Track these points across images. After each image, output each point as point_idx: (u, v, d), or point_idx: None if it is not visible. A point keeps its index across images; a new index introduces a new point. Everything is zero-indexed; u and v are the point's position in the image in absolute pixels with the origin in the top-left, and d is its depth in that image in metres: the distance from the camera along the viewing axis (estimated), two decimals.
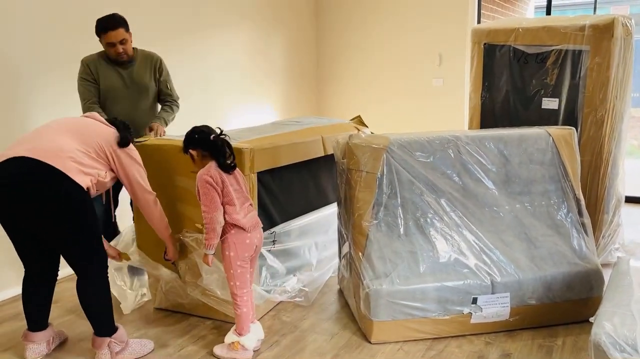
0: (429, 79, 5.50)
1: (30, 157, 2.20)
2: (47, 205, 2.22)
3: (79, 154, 2.29)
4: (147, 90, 3.23)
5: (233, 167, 2.43)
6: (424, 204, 2.74)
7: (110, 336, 2.43)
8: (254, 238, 2.47)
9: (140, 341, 2.56)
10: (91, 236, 2.35)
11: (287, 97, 5.65)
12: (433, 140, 2.80)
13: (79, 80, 3.11)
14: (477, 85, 3.76)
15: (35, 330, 2.52)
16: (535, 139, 2.89)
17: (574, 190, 2.88)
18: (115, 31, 3.01)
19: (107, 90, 3.12)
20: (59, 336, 2.64)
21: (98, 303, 2.42)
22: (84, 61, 3.12)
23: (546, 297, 2.67)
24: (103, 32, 3.01)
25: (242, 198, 2.46)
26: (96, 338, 2.44)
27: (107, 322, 2.44)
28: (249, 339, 2.47)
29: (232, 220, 2.40)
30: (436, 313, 2.59)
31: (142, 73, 3.22)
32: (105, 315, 2.44)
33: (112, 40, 3.02)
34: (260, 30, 5.16)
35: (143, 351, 2.52)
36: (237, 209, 2.41)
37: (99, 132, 2.40)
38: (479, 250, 2.69)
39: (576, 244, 2.78)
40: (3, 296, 3.19)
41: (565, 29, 3.31)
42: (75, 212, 2.26)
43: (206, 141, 2.40)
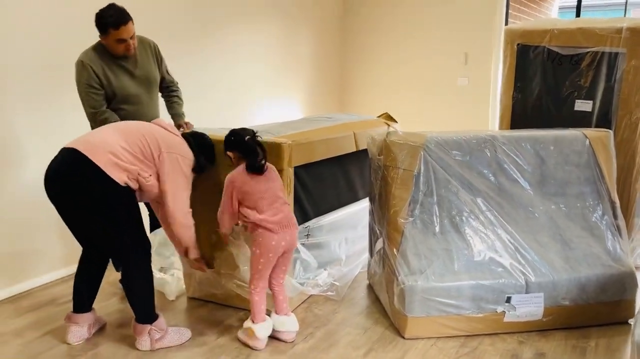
0: (454, 78, 5.50)
1: (74, 149, 2.29)
2: (80, 196, 2.30)
3: (121, 150, 2.32)
4: (155, 80, 3.00)
5: (261, 169, 2.45)
6: (459, 202, 2.76)
7: (151, 323, 2.49)
8: (282, 240, 2.47)
9: (178, 329, 2.61)
10: (124, 230, 2.38)
11: (311, 92, 5.68)
12: (470, 139, 2.81)
13: (84, 87, 2.73)
14: (508, 86, 3.76)
15: (80, 311, 2.58)
16: (571, 140, 2.90)
17: (609, 192, 2.89)
18: (127, 26, 2.69)
19: (118, 90, 2.81)
20: (99, 321, 2.70)
21: (139, 292, 2.48)
22: (86, 64, 2.72)
23: (580, 298, 2.68)
24: (114, 28, 2.65)
25: (270, 198, 2.47)
26: (137, 325, 2.50)
27: (148, 310, 2.50)
28: (260, 328, 2.52)
29: (256, 220, 2.44)
30: (470, 310, 2.61)
31: (147, 63, 2.94)
32: (147, 303, 2.49)
33: (123, 37, 2.70)
34: (287, 25, 5.19)
35: (181, 339, 2.57)
36: (261, 210, 2.45)
37: (153, 134, 2.42)
38: (514, 249, 2.70)
39: (610, 246, 2.79)
40: (39, 282, 3.26)
41: (601, 31, 3.30)
42: (107, 206, 2.31)
43: (241, 143, 2.47)
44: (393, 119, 3.97)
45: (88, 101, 2.76)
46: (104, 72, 2.77)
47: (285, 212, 2.52)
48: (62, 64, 3.10)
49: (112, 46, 2.75)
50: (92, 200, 2.29)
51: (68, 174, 2.29)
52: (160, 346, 2.51)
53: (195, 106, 4.09)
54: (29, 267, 3.21)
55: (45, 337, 2.65)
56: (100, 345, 2.57)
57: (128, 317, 2.67)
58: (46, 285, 3.26)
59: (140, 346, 2.50)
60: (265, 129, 3.09)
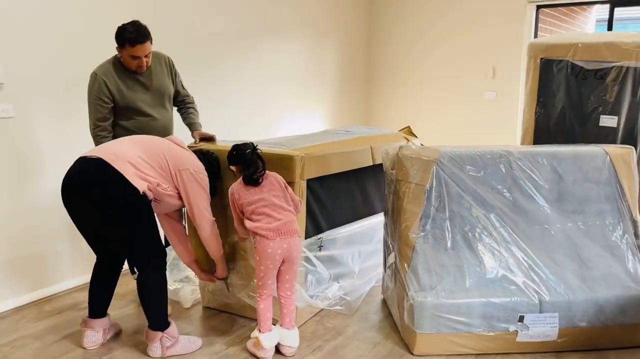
0: (481, 92, 5.44)
1: (97, 157, 2.37)
2: (100, 202, 2.37)
3: (141, 161, 2.42)
4: (169, 94, 3.08)
5: (255, 181, 2.50)
6: (472, 218, 2.72)
7: (163, 330, 2.54)
8: (278, 247, 2.46)
9: (189, 337, 2.66)
10: (141, 237, 2.45)
11: (337, 104, 5.71)
12: (484, 154, 2.78)
13: (93, 98, 2.84)
14: (531, 101, 3.70)
15: (95, 317, 2.66)
16: (591, 157, 2.83)
17: (630, 211, 2.79)
18: (144, 45, 2.79)
19: (132, 102, 2.90)
20: (114, 327, 2.77)
21: (153, 299, 2.53)
22: (99, 76, 2.83)
23: (597, 320, 2.59)
24: (130, 45, 2.77)
25: (265, 207, 2.50)
26: (149, 331, 2.55)
27: (161, 317, 2.55)
28: (267, 339, 2.53)
29: (251, 228, 2.50)
30: (481, 328, 2.56)
31: (161, 77, 3.03)
32: (160, 310, 2.55)
33: (138, 54, 2.80)
34: (313, 37, 5.26)
35: (192, 347, 2.62)
36: (255, 218, 2.50)
37: (170, 150, 2.52)
38: (528, 268, 2.64)
39: (631, 267, 2.69)
40: (62, 287, 3.37)
41: (627, 45, 3.22)
42: (126, 212, 2.38)
43: (241, 157, 2.55)
44: (413, 133, 3.96)
45: (94, 113, 2.87)
46: (117, 85, 2.87)
47: (285, 219, 2.51)
48: (82, 75, 3.22)
49: (127, 61, 2.86)
50: (112, 206, 2.36)
51: (90, 181, 2.37)
52: (171, 354, 2.56)
53: (217, 117, 4.19)
54: (53, 272, 3.33)
55: (63, 341, 2.74)
56: (115, 350, 2.64)
57: (144, 324, 2.73)
58: (69, 290, 3.37)
59: (151, 353, 2.55)
60: (280, 141, 3.13)
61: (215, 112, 4.16)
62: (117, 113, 2.93)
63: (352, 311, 3.06)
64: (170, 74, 3.10)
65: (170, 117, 3.14)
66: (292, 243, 2.52)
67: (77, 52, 3.31)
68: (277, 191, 2.56)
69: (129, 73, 2.91)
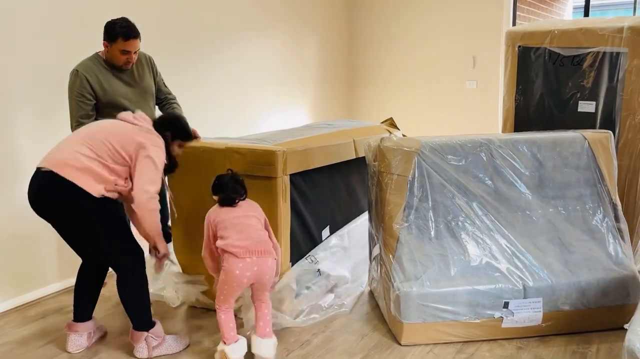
0: (462, 82, 5.47)
1: (48, 170, 2.32)
2: (63, 214, 2.37)
3: (93, 163, 2.32)
4: (151, 92, 3.08)
5: (231, 201, 2.45)
6: (455, 207, 2.74)
7: (147, 330, 2.52)
8: (247, 269, 2.35)
9: (176, 337, 2.64)
10: (111, 239, 2.42)
11: (319, 99, 5.70)
12: (465, 143, 2.79)
13: (75, 95, 2.81)
14: (510, 88, 3.72)
15: (79, 320, 2.64)
16: (570, 142, 2.86)
17: (610, 195, 2.83)
18: (135, 40, 2.81)
19: (114, 99, 2.89)
20: (100, 329, 2.75)
21: (134, 299, 2.51)
22: (81, 73, 2.80)
23: (580, 303, 2.63)
24: (123, 39, 2.77)
25: (239, 225, 2.42)
26: (134, 332, 2.54)
27: (144, 317, 2.53)
28: (233, 351, 2.41)
29: (221, 246, 2.41)
30: (467, 316, 2.59)
31: (143, 74, 3.03)
32: (142, 310, 2.53)
33: (129, 49, 2.81)
34: (293, 33, 5.24)
35: (178, 347, 2.60)
36: (227, 236, 2.40)
37: (118, 134, 2.38)
38: (511, 254, 2.67)
39: (612, 249, 2.73)
40: (47, 291, 3.33)
41: (602, 31, 3.25)
42: (89, 219, 2.36)
43: (221, 184, 2.50)
44: (396, 126, 3.97)
45: (77, 110, 2.83)
46: (99, 81, 2.85)
47: (257, 239, 2.41)
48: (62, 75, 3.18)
49: (115, 56, 2.85)
50: (74, 216, 2.36)
51: (46, 196, 2.36)
52: (158, 354, 2.55)
53: (201, 115, 4.16)
54: (37, 276, 3.28)
55: (48, 346, 2.71)
56: (100, 353, 2.62)
57: (130, 325, 2.71)
58: (54, 294, 3.33)
59: (137, 353, 2.54)
60: (263, 137, 3.12)
61: (198, 110, 4.13)
62: (99, 110, 2.89)
63: (350, 310, 3.02)
64: (152, 73, 3.10)
65: (152, 116, 3.09)
66: (264, 266, 2.40)
67: (58, 53, 3.26)
68: (254, 213, 2.49)
69: (111, 70, 2.90)
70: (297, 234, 2.92)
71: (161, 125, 2.52)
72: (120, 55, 2.84)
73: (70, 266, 3.41)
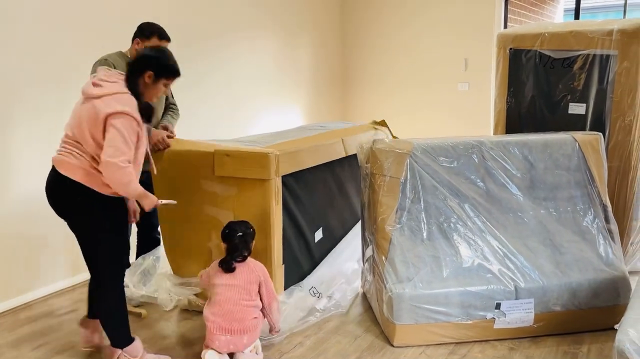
0: (455, 84, 5.50)
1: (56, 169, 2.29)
2: (67, 210, 2.34)
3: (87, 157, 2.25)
4: (164, 97, 3.06)
5: (228, 268, 2.46)
6: (447, 209, 2.75)
7: (122, 348, 2.41)
8: (222, 347, 2.41)
9: (157, 356, 2.53)
10: (104, 247, 2.35)
11: (313, 101, 5.71)
12: (457, 145, 2.81)
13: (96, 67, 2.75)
14: (502, 91, 3.75)
15: (92, 317, 2.59)
16: (560, 144, 2.88)
17: (600, 196, 2.86)
18: (168, 42, 2.91)
19: None
20: None
21: (109, 313, 2.41)
22: (110, 61, 2.82)
23: (571, 304, 2.65)
24: (158, 38, 2.87)
25: (223, 295, 2.44)
26: (108, 348, 2.45)
27: (119, 333, 2.43)
28: (211, 356, 2.43)
29: (204, 311, 2.47)
30: (459, 317, 2.60)
31: None
32: (117, 326, 2.42)
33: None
34: (286, 36, 5.24)
35: None
36: (210, 303, 2.47)
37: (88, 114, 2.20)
38: (503, 255, 2.69)
39: (602, 250, 2.76)
40: (37, 294, 3.31)
41: (592, 34, 3.28)
42: (87, 219, 2.31)
43: (229, 238, 2.51)
44: (381, 123, 3.97)
45: None
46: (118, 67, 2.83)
47: (233, 314, 2.41)
48: (60, 75, 3.17)
49: None
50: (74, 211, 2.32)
51: (53, 196, 2.34)
52: None
53: (195, 117, 4.16)
54: (27, 279, 3.26)
55: (39, 349, 2.69)
56: None
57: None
58: (45, 297, 3.31)
59: None
60: (255, 139, 3.12)
61: (191, 112, 4.12)
62: None
63: (346, 310, 3.03)
64: None
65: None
66: (239, 344, 2.42)
67: (53, 54, 3.24)
68: (242, 281, 2.46)
69: None
70: (290, 236, 2.93)
71: (138, 66, 2.28)
72: None
73: (60, 269, 3.40)
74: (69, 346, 2.72)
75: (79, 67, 3.20)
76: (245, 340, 2.44)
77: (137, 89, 2.28)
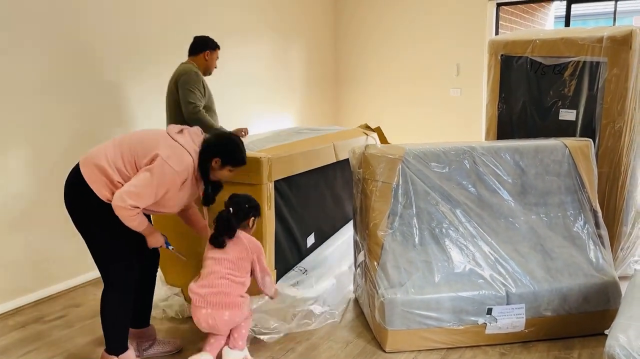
0: (447, 89, 5.52)
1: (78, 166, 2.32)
2: (75, 210, 2.32)
3: (112, 169, 2.25)
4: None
5: (218, 243, 2.44)
6: (439, 214, 2.76)
7: (116, 355, 2.40)
8: (202, 321, 2.38)
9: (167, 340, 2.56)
10: (105, 250, 2.34)
11: (305, 106, 5.71)
12: (448, 151, 2.82)
13: (195, 84, 3.37)
14: (493, 97, 3.77)
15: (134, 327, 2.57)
16: (551, 150, 2.90)
17: (590, 202, 2.88)
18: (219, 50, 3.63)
19: (208, 102, 3.49)
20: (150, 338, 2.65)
21: (108, 318, 2.39)
22: (200, 75, 3.44)
23: (562, 309, 2.66)
24: (218, 48, 3.60)
25: (210, 267, 2.43)
26: (103, 354, 2.43)
27: (114, 339, 2.40)
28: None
29: (190, 286, 2.46)
30: (451, 322, 2.60)
31: None
32: (114, 332, 2.39)
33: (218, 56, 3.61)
34: (279, 40, 5.24)
35: None
36: (197, 277, 2.47)
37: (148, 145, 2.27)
38: (494, 261, 2.69)
39: (593, 256, 2.77)
40: (26, 300, 3.28)
41: (582, 41, 3.31)
42: (91, 222, 2.30)
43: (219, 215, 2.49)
44: (376, 130, 3.98)
45: (194, 99, 3.35)
46: (204, 86, 3.46)
47: (217, 289, 2.38)
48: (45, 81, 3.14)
49: (211, 62, 3.59)
50: (81, 213, 2.32)
51: (68, 192, 2.35)
52: None
53: None
54: (15, 285, 3.23)
55: (28, 355, 2.67)
56: None
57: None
58: (34, 303, 3.27)
59: None
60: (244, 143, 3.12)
61: None
62: None
63: (340, 317, 3.00)
64: None
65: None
66: (220, 319, 2.38)
67: (33, 59, 3.23)
68: (231, 255, 2.44)
69: None
70: (282, 241, 2.92)
71: (210, 148, 2.35)
72: (214, 61, 3.60)
73: (49, 275, 3.37)
74: (58, 352, 2.69)
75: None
76: (227, 317, 2.38)
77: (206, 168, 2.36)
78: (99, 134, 3.56)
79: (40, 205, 3.27)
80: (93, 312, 3.12)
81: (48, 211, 3.29)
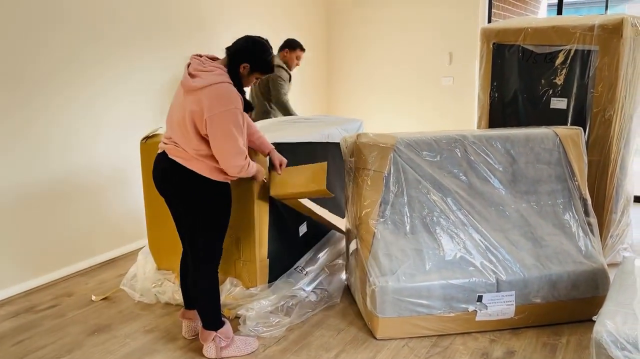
0: (439, 78, 5.52)
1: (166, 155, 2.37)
2: (180, 194, 2.38)
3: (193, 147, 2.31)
4: None
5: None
6: (430, 202, 2.77)
7: (215, 330, 2.47)
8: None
9: (245, 338, 2.58)
10: (208, 232, 2.40)
11: (298, 95, 5.69)
12: (440, 139, 2.82)
13: (283, 80, 4.22)
14: (485, 85, 3.77)
15: (189, 308, 2.64)
16: (542, 138, 2.91)
17: (580, 190, 2.90)
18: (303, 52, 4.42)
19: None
20: None
21: (203, 297, 2.47)
22: (285, 70, 4.26)
23: (551, 296, 2.69)
24: (301, 49, 4.34)
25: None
26: (203, 331, 2.49)
27: (212, 316, 2.48)
28: None
29: None
30: (441, 310, 2.62)
31: None
32: (210, 309, 2.47)
33: (301, 56, 4.37)
34: (270, 31, 5.20)
35: (247, 349, 2.54)
36: None
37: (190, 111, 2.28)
38: (485, 248, 2.71)
39: (582, 243, 2.80)
40: (17, 289, 3.27)
41: (574, 29, 3.31)
42: (198, 203, 2.36)
43: None
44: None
45: (283, 89, 4.22)
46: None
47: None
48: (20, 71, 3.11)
49: (293, 60, 4.34)
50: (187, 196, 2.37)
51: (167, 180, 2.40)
52: (227, 355, 2.50)
53: None
54: (6, 274, 3.22)
55: (20, 344, 2.67)
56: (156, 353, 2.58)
57: None
58: (25, 293, 3.27)
59: (206, 353, 2.49)
60: None
61: None
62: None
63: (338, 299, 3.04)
64: None
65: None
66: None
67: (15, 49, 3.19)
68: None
69: None
70: (274, 230, 2.92)
71: (237, 56, 2.35)
72: (297, 60, 4.35)
73: (40, 264, 3.36)
74: (51, 341, 2.69)
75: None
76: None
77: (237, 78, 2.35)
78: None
79: (29, 196, 3.25)
80: (85, 301, 3.12)
81: (37, 202, 3.27)
